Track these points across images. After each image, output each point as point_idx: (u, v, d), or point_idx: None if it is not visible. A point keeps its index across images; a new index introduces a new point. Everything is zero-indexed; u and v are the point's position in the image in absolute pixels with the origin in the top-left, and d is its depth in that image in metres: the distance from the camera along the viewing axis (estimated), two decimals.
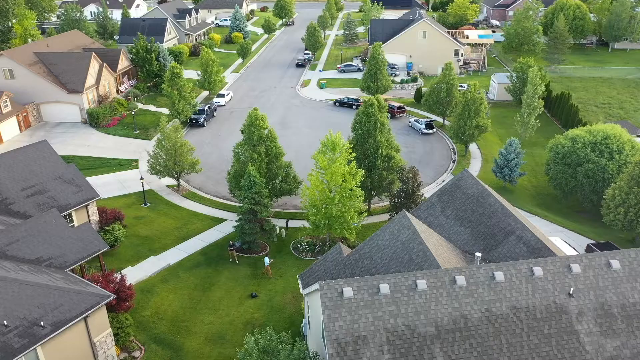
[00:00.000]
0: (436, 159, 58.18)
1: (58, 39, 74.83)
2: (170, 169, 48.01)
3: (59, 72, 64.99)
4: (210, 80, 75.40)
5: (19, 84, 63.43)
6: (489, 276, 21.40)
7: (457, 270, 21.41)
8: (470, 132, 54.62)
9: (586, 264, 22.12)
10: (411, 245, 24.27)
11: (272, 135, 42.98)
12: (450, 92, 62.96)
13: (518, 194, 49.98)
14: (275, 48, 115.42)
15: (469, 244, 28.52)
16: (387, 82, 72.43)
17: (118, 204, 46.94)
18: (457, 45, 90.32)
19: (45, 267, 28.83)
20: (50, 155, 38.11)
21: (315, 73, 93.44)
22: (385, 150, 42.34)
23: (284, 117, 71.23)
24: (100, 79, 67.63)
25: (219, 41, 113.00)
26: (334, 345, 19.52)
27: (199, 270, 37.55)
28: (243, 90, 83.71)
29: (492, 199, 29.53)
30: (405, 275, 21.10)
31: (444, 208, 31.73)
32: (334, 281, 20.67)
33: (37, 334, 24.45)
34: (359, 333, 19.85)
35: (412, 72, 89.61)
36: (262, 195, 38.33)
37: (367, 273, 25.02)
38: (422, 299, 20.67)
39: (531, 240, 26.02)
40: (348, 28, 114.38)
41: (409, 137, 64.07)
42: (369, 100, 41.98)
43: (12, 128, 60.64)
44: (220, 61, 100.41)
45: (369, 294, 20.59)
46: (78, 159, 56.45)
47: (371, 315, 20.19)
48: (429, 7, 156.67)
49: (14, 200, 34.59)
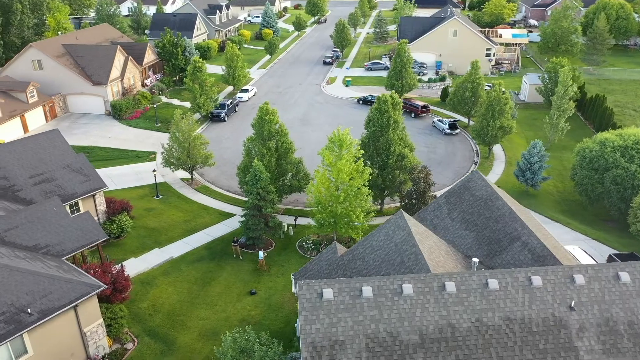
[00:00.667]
0: (457, 161, 56.17)
1: (87, 32, 76.30)
2: (183, 162, 47.91)
3: (85, 64, 66.13)
4: (235, 76, 75.29)
5: (47, 75, 64.84)
6: (482, 283, 19.93)
7: (447, 275, 20.02)
8: (494, 133, 52.42)
9: (591, 275, 20.34)
10: (404, 247, 22.98)
11: (283, 131, 42.16)
12: (476, 92, 60.70)
13: (541, 199, 47.57)
14: (304, 45, 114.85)
15: (472, 248, 26.94)
16: (412, 81, 70.67)
17: (131, 195, 47.15)
18: (489, 45, 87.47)
19: (42, 255, 28.86)
20: (60, 144, 38.43)
21: (342, 71, 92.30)
22: (398, 148, 40.88)
23: (306, 113, 70.45)
24: (125, 71, 68.46)
25: (249, 37, 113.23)
26: (308, 349, 18.51)
27: (201, 264, 37.12)
28: (268, 87, 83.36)
29: (500, 202, 27.83)
30: (390, 278, 19.87)
31: (450, 210, 30.20)
32: (314, 281, 19.66)
33: (24, 321, 24.35)
34: (336, 337, 18.77)
35: (441, 71, 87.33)
36: (267, 191, 37.56)
37: (358, 275, 23.88)
38: (407, 305, 19.40)
39: (537, 247, 24.27)
40: (379, 26, 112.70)
41: (431, 137, 62.21)
42: (383, 96, 40.63)
43: (38, 118, 61.98)
44: (248, 57, 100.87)
45: (350, 297, 19.47)
46: (98, 149, 57.22)
47: (351, 319, 19.07)
48: (465, 6, 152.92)
49: (21, 187, 34.97)
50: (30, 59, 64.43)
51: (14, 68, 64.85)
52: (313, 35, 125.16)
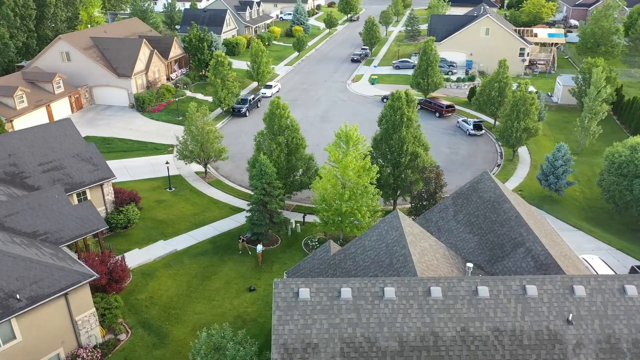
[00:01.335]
0: (479, 162, 54.06)
1: (116, 25, 77.51)
2: (196, 155, 47.75)
3: (111, 57, 67.10)
4: (259, 71, 75.04)
5: (74, 67, 66.09)
6: (471, 290, 18.52)
7: (433, 280, 18.71)
8: (518, 135, 50.14)
9: (594, 286, 18.62)
10: (395, 248, 21.74)
11: (294, 126, 41.31)
12: (503, 92, 58.33)
13: (565, 205, 45.10)
14: (334, 43, 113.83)
15: (474, 253, 25.41)
16: (438, 80, 68.70)
17: (144, 187, 47.35)
18: (523, 44, 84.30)
19: (40, 241, 28.95)
20: (71, 133, 38.74)
21: (369, 69, 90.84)
22: (412, 147, 39.42)
23: (327, 110, 69.48)
24: (150, 65, 69.12)
25: (279, 34, 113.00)
26: (279, 350, 17.57)
27: (203, 258, 36.71)
28: (293, 83, 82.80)
29: (507, 205, 26.17)
30: (372, 280, 18.72)
31: (456, 212, 28.69)
32: (290, 279, 18.70)
33: (12, 306, 24.33)
34: (310, 340, 17.76)
35: (471, 70, 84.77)
36: (273, 186, 36.81)
37: (347, 275, 22.78)
38: (387, 309, 18.20)
39: (540, 254, 22.58)
40: (410, 24, 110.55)
41: (454, 138, 60.21)
42: (397, 93, 39.25)
43: (64, 108, 63.20)
44: (276, 54, 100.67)
45: (328, 298, 18.42)
46: (118, 140, 57.85)
47: (327, 322, 18.02)
48: (503, 5, 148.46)
49: (30, 174, 35.35)
50: (59, 51, 65.81)
51: (43, 59, 66.37)
52: (344, 33, 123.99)
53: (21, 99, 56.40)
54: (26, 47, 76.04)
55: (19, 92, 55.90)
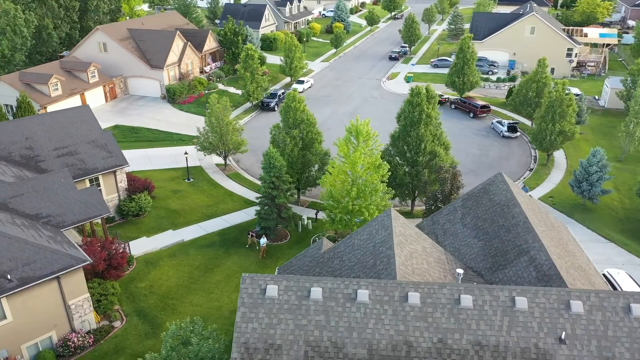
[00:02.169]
0: (511, 166, 51.22)
1: (154, 18, 78.79)
2: (215, 147, 47.51)
3: (146, 49, 68.14)
4: (292, 66, 74.44)
5: (111, 58, 67.55)
6: (452, 298, 16.88)
7: (412, 285, 17.18)
8: (552, 138, 47.11)
9: (594, 303, 16.58)
10: (381, 249, 20.29)
11: (310, 120, 40.24)
12: (541, 92, 55.12)
13: (598, 214, 41.89)
14: (374, 40, 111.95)
15: (476, 259, 23.55)
16: (474, 79, 65.90)
17: (163, 176, 47.59)
18: (571, 44, 79.81)
19: (41, 224, 29.15)
20: (88, 120, 39.14)
21: (406, 66, 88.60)
22: (430, 146, 37.53)
23: (357, 107, 67.98)
24: (183, 57, 69.75)
25: (319, 31, 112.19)
26: (240, 349, 16.55)
27: (209, 250, 36.25)
28: (327, 79, 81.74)
29: (517, 209, 24.12)
30: (346, 281, 17.39)
31: (464, 215, 26.82)
32: (259, 275, 17.62)
33: (3, 286, 24.46)
34: (273, 340, 16.64)
35: (514, 71, 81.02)
36: (282, 180, 35.88)
37: (331, 275, 21.49)
38: (359, 313, 16.84)
39: (544, 264, 20.53)
40: (454, 23, 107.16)
41: (487, 139, 57.47)
42: (416, 88, 37.47)
43: (98, 97, 64.67)
44: (314, 50, 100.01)
45: (296, 297, 17.24)
46: (146, 130, 58.55)
47: (293, 323, 16.85)
48: (557, 5, 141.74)
49: (45, 158, 35.90)
50: (97, 41, 67.42)
51: (82, 50, 68.19)
52: (386, 31, 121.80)
53: (56, 87, 57.99)
54: (69, 37, 78.45)
55: (54, 80, 57.49)
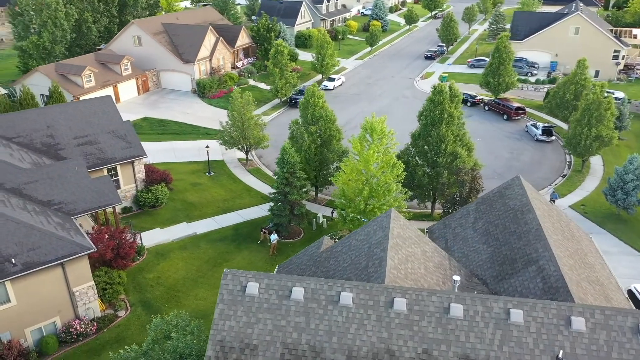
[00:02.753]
0: (543, 171, 48.82)
1: (189, 13, 79.67)
2: (236, 141, 47.35)
3: (179, 43, 68.93)
4: (323, 63, 73.74)
5: (144, 51, 68.69)
6: (442, 307, 15.74)
7: (399, 290, 16.13)
8: (587, 143, 44.52)
9: (598, 320, 15.09)
10: (375, 250, 19.28)
11: (329, 117, 39.38)
12: (579, 95, 52.28)
13: (634, 226, 39.17)
14: (411, 39, 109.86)
15: (483, 267, 22.17)
16: (510, 80, 63.36)
17: (185, 169, 47.85)
18: (619, 46, 75.69)
19: (52, 211, 29.52)
20: (109, 110, 39.60)
21: (442, 66, 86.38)
22: (451, 146, 36.01)
23: (387, 106, 66.54)
24: (214, 52, 70.19)
25: (355, 29, 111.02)
26: (215, 347, 15.95)
27: (220, 244, 36.00)
28: (359, 77, 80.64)
29: (531, 215, 22.58)
30: (330, 282, 16.52)
31: (477, 219, 25.44)
32: (241, 272, 16.98)
33: (7, 270, 24.80)
34: (250, 340, 15.97)
35: (555, 72, 77.58)
36: (296, 176, 35.22)
37: (325, 275, 20.63)
38: (341, 317, 15.94)
39: (552, 275, 19.00)
40: (495, 22, 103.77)
41: (519, 143, 55.05)
42: (439, 86, 36.03)
43: (130, 90, 65.87)
44: (349, 48, 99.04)
45: (277, 297, 16.50)
46: (173, 123, 59.13)
47: (272, 323, 16.12)
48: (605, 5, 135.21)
49: (65, 146, 36.51)
50: (132, 35, 68.69)
51: (118, 43, 69.62)
52: (424, 30, 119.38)
53: (89, 78, 59.34)
54: (108, 31, 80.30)
55: (87, 71, 58.83)
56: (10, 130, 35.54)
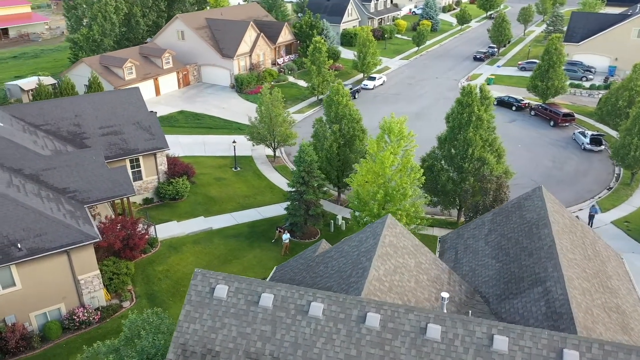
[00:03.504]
0: (586, 183, 45.40)
1: (233, 9, 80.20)
2: (264, 138, 46.89)
3: (220, 38, 69.44)
4: (364, 62, 72.28)
5: (187, 46, 69.70)
6: (419, 327, 14.29)
7: (374, 304, 14.80)
8: (637, 155, 40.93)
9: (595, 356, 13.18)
10: (361, 259, 17.97)
11: (353, 116, 38.07)
12: (633, 102, 48.35)
13: None
14: (462, 40, 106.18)
15: (488, 284, 20.35)
16: (560, 84, 59.63)
17: (212, 163, 47.91)
18: None
19: (66, 198, 29.91)
20: (136, 101, 40.01)
21: (491, 68, 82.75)
22: (479, 151, 33.87)
23: (426, 108, 64.35)
24: (254, 48, 70.23)
25: (404, 28, 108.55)
26: (177, 350, 15.20)
27: (234, 240, 35.54)
28: (401, 77, 78.58)
29: (546, 230, 20.53)
30: (301, 290, 15.42)
31: (491, 231, 23.55)
32: (212, 273, 16.16)
33: (12, 254, 25.20)
34: (212, 346, 15.12)
35: (613, 78, 72.53)
36: (313, 175, 34.21)
37: (312, 282, 19.50)
38: (309, 329, 14.80)
39: (558, 299, 17.03)
40: (552, 24, 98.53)
41: (564, 151, 51.57)
42: (468, 87, 33.97)
43: (171, 83, 66.98)
44: (396, 47, 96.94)
45: (245, 302, 15.56)
46: (207, 117, 59.54)
47: (237, 330, 15.20)
48: None
49: (90, 135, 37.16)
50: (176, 29, 69.86)
51: (162, 37, 71.01)
52: (477, 31, 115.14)
53: (130, 71, 60.69)
54: (156, 25, 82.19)
55: (128, 64, 60.18)
56: (40, 118, 36.52)
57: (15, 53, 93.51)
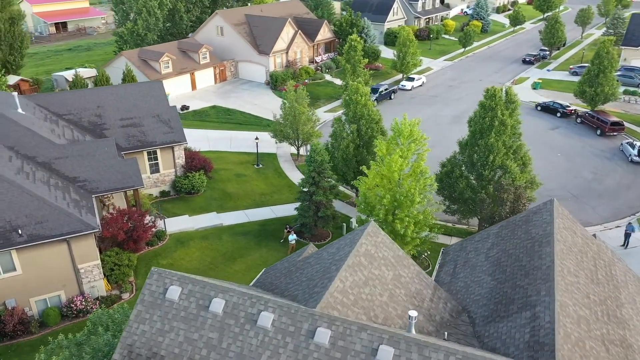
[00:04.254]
0: (628, 198, 41.89)
1: (275, 5, 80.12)
2: (287, 136, 46.26)
3: (257, 34, 69.46)
4: (403, 62, 70.33)
5: (226, 41, 70.21)
6: (370, 347, 13.03)
7: (327, 319, 13.65)
8: None
9: None
10: (332, 267, 16.81)
11: (372, 116, 36.67)
12: None
13: None
14: (514, 41, 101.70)
15: (478, 303, 18.65)
16: (610, 90, 55.50)
17: (235, 159, 47.80)
18: None
19: (75, 187, 30.30)
20: (158, 95, 40.27)
21: (540, 72, 78.65)
22: (500, 159, 31.69)
23: (464, 111, 61.42)
24: (291, 45, 69.78)
25: (453, 28, 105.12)
26: (123, 351, 14.64)
27: (242, 238, 35.04)
28: (442, 79, 76.00)
29: (548, 249, 18.59)
30: (254, 297, 14.48)
31: (493, 245, 21.76)
32: (168, 273, 15.51)
33: (13, 239, 25.68)
34: (158, 350, 14.45)
35: None
36: (323, 176, 33.16)
37: (285, 288, 18.49)
38: (255, 340, 13.85)
39: (543, 327, 15.20)
40: (613, 27, 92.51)
41: (608, 163, 47.94)
42: (491, 89, 31.86)
43: (207, 78, 67.62)
44: (441, 48, 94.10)
45: (196, 306, 14.80)
46: (238, 113, 59.62)
47: (184, 335, 14.46)
48: None
49: (110, 127, 37.68)
50: (215, 25, 70.50)
51: (202, 33, 71.89)
52: (530, 33, 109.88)
53: (166, 65, 61.66)
54: (200, 21, 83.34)
55: (165, 58, 61.14)
56: (63, 108, 37.37)
57: (70, 46, 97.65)
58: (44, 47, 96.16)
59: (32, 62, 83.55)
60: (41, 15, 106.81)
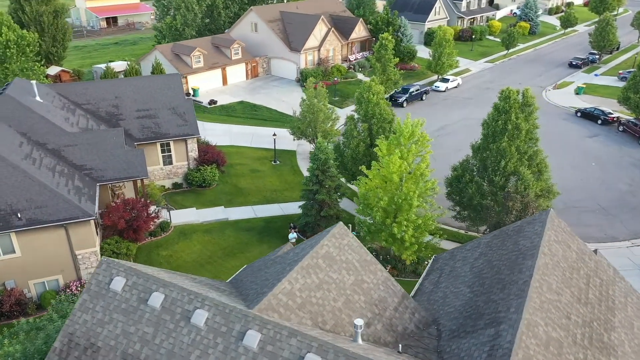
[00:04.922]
0: None
1: (310, 2, 79.56)
2: (305, 133, 45.75)
3: (290, 31, 69.28)
4: (438, 63, 68.35)
5: (259, 38, 70.44)
6: (298, 355, 12.28)
7: (259, 321, 12.99)
8: None
9: None
10: (287, 268, 16.10)
11: (384, 115, 35.57)
12: None
13: None
14: (563, 44, 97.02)
15: (450, 315, 17.46)
16: None
17: (253, 154, 47.76)
18: None
19: (81, 175, 30.92)
20: (175, 87, 40.64)
21: (587, 77, 74.56)
22: (513, 164, 29.90)
23: None
24: (324, 42, 69.18)
25: (498, 29, 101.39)
26: (64, 340, 14.52)
27: (245, 234, 34.80)
28: (479, 81, 73.32)
29: (529, 262, 17.16)
30: (192, 294, 14.02)
31: (481, 255, 20.47)
32: (116, 263, 15.29)
33: (12, 222, 26.42)
34: (95, 340, 14.25)
35: None
36: (328, 175, 32.40)
37: (248, 287, 17.91)
38: (187, 338, 13.38)
39: (502, 347, 13.89)
40: None
41: None
42: (506, 90, 30.12)
43: (239, 74, 68.05)
44: (483, 49, 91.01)
45: (137, 299, 14.50)
46: (265, 109, 59.61)
47: (122, 328, 14.19)
48: None
49: (125, 117, 38.36)
50: (250, 21, 70.83)
51: (237, 29, 72.39)
52: (582, 36, 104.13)
53: (198, 59, 62.46)
54: (238, 17, 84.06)
55: (197, 52, 61.93)
56: (82, 97, 38.36)
57: (117, 40, 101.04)
58: (93, 41, 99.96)
59: (80, 55, 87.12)
60: (94, 10, 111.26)
